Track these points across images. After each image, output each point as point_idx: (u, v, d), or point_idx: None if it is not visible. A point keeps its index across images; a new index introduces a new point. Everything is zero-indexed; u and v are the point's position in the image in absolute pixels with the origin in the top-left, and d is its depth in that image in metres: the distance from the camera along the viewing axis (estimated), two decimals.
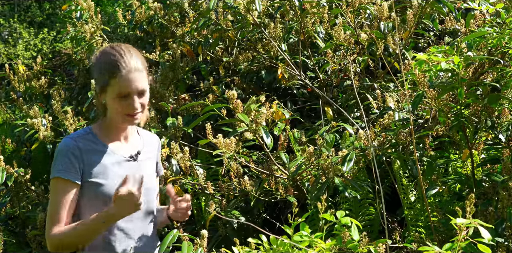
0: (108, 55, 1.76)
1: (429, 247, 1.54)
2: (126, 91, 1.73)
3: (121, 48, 1.78)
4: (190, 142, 3.23)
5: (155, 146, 2.01)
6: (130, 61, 1.74)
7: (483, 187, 2.31)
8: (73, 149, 1.75)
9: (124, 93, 1.73)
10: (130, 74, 1.73)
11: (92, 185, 1.76)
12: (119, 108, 1.75)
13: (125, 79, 1.72)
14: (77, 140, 1.78)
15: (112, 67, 1.72)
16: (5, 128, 4.64)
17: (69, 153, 1.75)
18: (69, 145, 1.76)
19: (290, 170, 2.60)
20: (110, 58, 1.74)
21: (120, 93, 1.73)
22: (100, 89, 1.76)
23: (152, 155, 1.98)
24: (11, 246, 3.27)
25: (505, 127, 2.29)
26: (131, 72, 1.73)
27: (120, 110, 1.75)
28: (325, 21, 3.25)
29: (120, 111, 1.76)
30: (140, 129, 1.99)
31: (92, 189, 1.76)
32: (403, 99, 2.65)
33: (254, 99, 2.45)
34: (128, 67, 1.73)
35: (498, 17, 2.36)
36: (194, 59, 3.78)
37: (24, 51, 10.01)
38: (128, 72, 1.73)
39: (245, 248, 1.75)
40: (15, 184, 3.20)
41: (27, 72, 4.37)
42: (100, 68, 1.76)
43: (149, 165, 1.94)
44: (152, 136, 2.02)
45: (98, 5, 9.39)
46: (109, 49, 1.78)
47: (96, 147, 1.80)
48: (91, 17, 3.76)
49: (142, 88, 1.76)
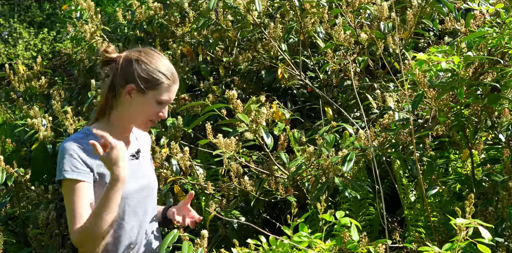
0: (158, 59, 1.83)
1: (429, 247, 1.54)
2: (168, 99, 1.83)
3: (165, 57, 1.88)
4: (190, 142, 3.24)
5: (148, 142, 2.06)
6: (175, 71, 1.86)
7: (483, 187, 2.31)
8: (77, 149, 1.75)
9: (164, 101, 1.82)
10: (175, 85, 1.85)
11: (100, 186, 1.77)
12: (150, 112, 1.81)
13: (172, 89, 1.84)
14: (80, 142, 1.78)
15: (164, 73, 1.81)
16: (5, 128, 4.64)
17: (74, 154, 1.74)
18: (72, 146, 1.76)
19: (290, 170, 2.60)
20: (161, 62, 1.83)
21: (161, 100, 1.81)
22: (139, 89, 1.79)
23: (147, 152, 2.02)
24: (11, 246, 3.27)
25: (505, 127, 2.29)
26: (176, 83, 1.85)
27: (150, 114, 1.82)
28: (325, 21, 3.25)
29: (147, 115, 1.82)
30: None
31: (101, 191, 1.75)
32: (403, 99, 2.65)
33: (254, 99, 2.45)
34: (175, 78, 1.84)
35: (498, 17, 2.36)
36: (194, 59, 3.78)
37: (24, 51, 10.01)
38: (174, 82, 1.84)
39: (244, 249, 1.75)
40: (15, 184, 3.20)
41: (27, 72, 4.37)
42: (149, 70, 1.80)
43: (147, 162, 1.96)
44: (144, 133, 2.05)
45: (98, 5, 9.39)
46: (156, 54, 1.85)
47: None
48: (91, 17, 3.77)
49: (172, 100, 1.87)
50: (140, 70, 1.79)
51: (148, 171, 1.94)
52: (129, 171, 1.76)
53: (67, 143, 1.77)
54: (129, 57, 1.82)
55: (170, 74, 1.82)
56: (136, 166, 1.88)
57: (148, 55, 1.82)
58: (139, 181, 1.86)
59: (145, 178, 1.89)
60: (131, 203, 1.83)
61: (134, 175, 1.83)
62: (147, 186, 1.89)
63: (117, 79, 1.82)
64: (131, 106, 1.81)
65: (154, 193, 1.95)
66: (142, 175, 1.88)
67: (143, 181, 1.88)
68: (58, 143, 3.49)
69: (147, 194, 1.89)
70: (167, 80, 1.80)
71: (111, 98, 1.84)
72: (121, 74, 1.82)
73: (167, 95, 1.82)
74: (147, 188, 1.89)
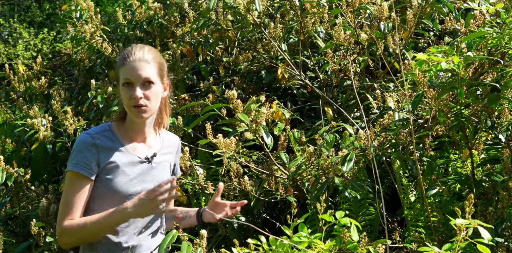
0: (127, 48, 1.86)
1: (428, 247, 1.54)
2: (129, 78, 1.79)
3: (136, 45, 1.87)
4: (190, 142, 3.24)
5: (174, 148, 2.03)
6: (137, 52, 1.82)
7: (483, 187, 2.31)
8: (90, 145, 1.78)
9: (127, 80, 1.80)
10: (134, 63, 1.80)
11: (103, 182, 1.79)
12: (125, 98, 1.81)
13: (129, 67, 1.80)
14: (95, 137, 1.80)
15: (122, 58, 1.82)
16: (5, 128, 4.64)
17: (86, 149, 1.77)
18: (86, 141, 1.79)
19: (290, 170, 2.60)
20: (127, 49, 1.84)
21: (124, 80, 1.80)
22: (116, 80, 1.86)
23: (170, 157, 2.00)
24: (11, 246, 3.27)
25: (505, 127, 2.29)
26: (136, 61, 1.81)
27: (126, 101, 1.81)
28: (325, 21, 3.25)
29: (126, 103, 1.81)
30: (164, 131, 2.00)
31: (103, 186, 1.79)
32: (403, 99, 2.65)
33: (254, 99, 2.45)
34: (134, 56, 1.81)
35: (498, 17, 2.36)
36: (194, 59, 3.78)
37: (24, 51, 10.01)
38: (133, 61, 1.80)
39: (244, 249, 1.75)
40: (15, 184, 3.20)
41: (27, 72, 4.38)
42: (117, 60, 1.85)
43: (164, 167, 1.95)
44: (173, 138, 2.04)
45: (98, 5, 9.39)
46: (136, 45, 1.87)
47: (113, 145, 1.82)
48: (91, 17, 3.76)
49: (146, 77, 1.80)
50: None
51: (160, 177, 1.90)
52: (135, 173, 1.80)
53: (82, 137, 1.81)
54: None
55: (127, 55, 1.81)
56: (145, 169, 1.87)
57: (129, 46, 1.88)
58: (144, 185, 1.84)
59: (151, 183, 1.85)
60: None
61: (140, 178, 1.84)
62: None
63: None
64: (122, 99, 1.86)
65: None
66: (150, 180, 1.87)
67: (147, 186, 1.83)
68: (58, 143, 3.49)
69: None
70: (122, 60, 1.81)
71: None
72: None
73: (128, 74, 1.79)
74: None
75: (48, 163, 3.94)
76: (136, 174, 1.83)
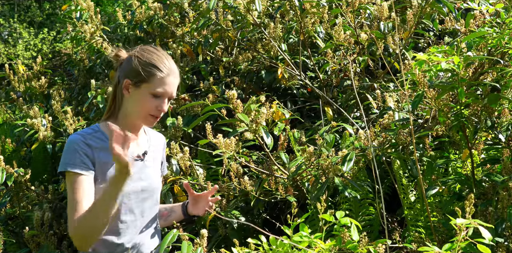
0: (153, 53, 1.83)
1: (428, 247, 1.54)
2: (162, 91, 1.80)
3: (165, 53, 1.87)
4: (190, 142, 3.24)
5: (161, 145, 2.04)
6: (171, 65, 1.83)
7: (483, 187, 2.31)
8: (83, 144, 1.76)
9: (159, 93, 1.80)
10: (170, 77, 1.81)
11: (99, 182, 1.77)
12: (146, 106, 1.80)
13: (167, 81, 1.80)
14: (86, 138, 1.79)
15: (156, 65, 1.80)
16: (5, 128, 4.64)
17: (79, 148, 1.75)
18: (79, 140, 1.77)
19: (290, 170, 2.60)
20: (156, 56, 1.82)
21: (156, 92, 1.79)
22: (134, 83, 1.81)
23: (158, 155, 2.00)
24: (11, 246, 3.27)
25: (505, 127, 2.29)
26: (171, 76, 1.82)
27: (147, 108, 1.80)
28: (325, 21, 3.25)
29: (145, 109, 1.81)
30: (148, 128, 2.00)
31: (99, 185, 1.77)
32: (403, 99, 2.65)
33: (254, 99, 2.45)
34: (170, 70, 1.81)
35: (498, 17, 2.36)
36: (194, 59, 3.78)
37: (24, 51, 10.01)
38: (169, 74, 1.81)
39: (244, 249, 1.75)
40: (15, 184, 3.20)
41: (27, 72, 4.38)
42: (141, 63, 1.81)
43: (154, 165, 1.95)
44: (159, 136, 2.06)
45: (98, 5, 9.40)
46: (153, 49, 1.85)
47: (105, 145, 1.81)
48: (91, 17, 3.77)
49: (173, 94, 1.84)
50: (134, 64, 1.82)
51: (152, 175, 1.92)
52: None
53: (73, 137, 1.79)
54: (130, 54, 1.87)
55: (163, 66, 1.80)
56: (139, 167, 1.87)
57: (144, 50, 1.85)
58: (139, 182, 1.86)
59: (146, 181, 1.88)
60: (127, 202, 1.83)
61: (135, 176, 1.84)
62: (147, 188, 1.89)
63: (120, 77, 1.86)
64: (129, 102, 1.83)
65: (155, 196, 1.93)
66: (144, 177, 1.88)
67: (144, 184, 1.87)
68: (58, 143, 3.49)
69: (146, 196, 1.89)
70: (160, 72, 1.79)
71: (117, 95, 1.87)
72: (121, 70, 1.86)
73: (162, 88, 1.80)
74: (146, 190, 1.89)
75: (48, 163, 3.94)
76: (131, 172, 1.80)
